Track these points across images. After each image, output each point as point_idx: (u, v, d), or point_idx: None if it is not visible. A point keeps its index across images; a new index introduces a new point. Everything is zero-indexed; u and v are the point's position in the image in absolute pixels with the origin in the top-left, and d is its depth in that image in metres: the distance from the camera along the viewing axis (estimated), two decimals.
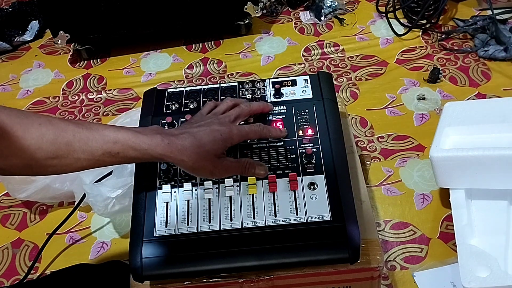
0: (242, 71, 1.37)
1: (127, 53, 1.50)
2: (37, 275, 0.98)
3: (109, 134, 0.63)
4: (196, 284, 0.69)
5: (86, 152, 0.62)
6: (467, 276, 0.78)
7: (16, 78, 1.48)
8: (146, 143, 0.64)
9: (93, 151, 0.62)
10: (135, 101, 1.33)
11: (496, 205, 0.90)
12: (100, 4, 1.36)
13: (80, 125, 0.63)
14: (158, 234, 0.68)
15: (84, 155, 0.62)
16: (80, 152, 0.61)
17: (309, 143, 0.74)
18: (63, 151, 0.61)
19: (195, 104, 0.82)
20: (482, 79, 1.23)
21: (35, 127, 0.59)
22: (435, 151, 0.89)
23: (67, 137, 0.61)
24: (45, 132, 0.60)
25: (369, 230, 0.73)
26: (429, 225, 0.96)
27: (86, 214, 1.07)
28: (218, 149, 0.67)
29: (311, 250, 0.66)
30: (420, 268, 0.89)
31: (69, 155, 0.61)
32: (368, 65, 1.33)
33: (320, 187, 0.70)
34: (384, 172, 1.06)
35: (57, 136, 0.60)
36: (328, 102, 0.80)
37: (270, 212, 0.69)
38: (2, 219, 1.10)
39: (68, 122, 0.62)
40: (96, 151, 0.62)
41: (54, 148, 0.60)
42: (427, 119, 1.16)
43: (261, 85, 0.84)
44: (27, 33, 1.60)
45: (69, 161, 0.62)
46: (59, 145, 0.60)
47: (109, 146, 0.62)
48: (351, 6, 1.54)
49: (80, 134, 0.61)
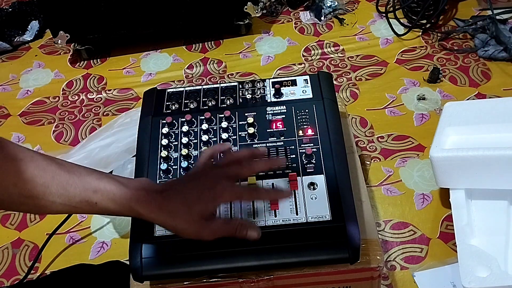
0: (242, 71, 1.37)
1: (127, 53, 1.50)
2: (37, 275, 0.98)
3: (90, 181, 0.58)
4: (196, 284, 0.69)
5: (63, 197, 0.57)
6: (467, 276, 0.78)
7: (16, 78, 1.48)
8: (127, 198, 0.59)
9: (70, 197, 0.57)
10: (135, 101, 1.33)
11: (496, 205, 0.90)
12: (100, 4, 1.36)
13: (63, 166, 0.58)
14: (158, 234, 0.68)
15: (60, 200, 0.57)
16: (57, 196, 0.57)
17: (309, 143, 0.74)
18: (38, 192, 0.56)
19: (195, 104, 0.82)
20: (482, 79, 1.23)
21: (14, 163, 0.55)
22: (435, 151, 0.89)
23: (45, 178, 0.56)
24: (24, 169, 0.55)
25: (369, 230, 0.73)
26: (429, 225, 0.96)
27: (86, 214, 1.07)
28: (206, 209, 0.61)
29: (311, 250, 0.66)
30: (420, 268, 0.89)
31: (45, 197, 0.56)
32: (368, 65, 1.33)
33: (320, 187, 0.70)
34: (384, 172, 1.06)
35: (35, 175, 0.56)
36: (328, 102, 0.80)
37: (270, 212, 0.68)
38: (2, 219, 1.10)
39: (50, 162, 0.58)
40: (74, 197, 0.57)
41: (30, 187, 0.55)
42: (427, 119, 1.16)
43: (261, 85, 0.84)
44: (27, 33, 1.60)
45: (43, 203, 0.57)
46: (36, 185, 0.56)
47: (88, 195, 0.58)
48: (351, 6, 1.54)
49: (60, 177, 0.57)
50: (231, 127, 0.78)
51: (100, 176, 0.59)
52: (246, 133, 0.77)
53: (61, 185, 0.57)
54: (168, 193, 0.61)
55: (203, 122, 0.79)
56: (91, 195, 0.58)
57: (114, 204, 0.59)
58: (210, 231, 0.61)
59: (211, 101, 0.82)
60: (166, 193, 0.61)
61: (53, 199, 0.57)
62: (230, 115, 0.79)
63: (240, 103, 0.82)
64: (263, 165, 0.67)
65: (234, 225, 0.63)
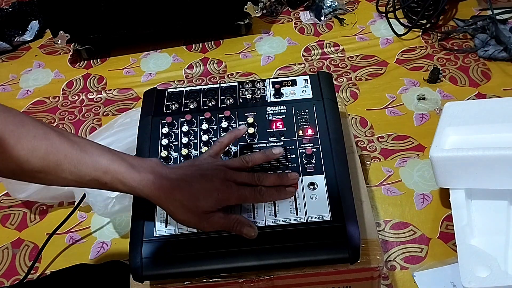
0: (242, 71, 1.38)
1: (127, 53, 1.50)
2: (37, 275, 0.98)
3: (101, 162, 0.60)
4: (196, 284, 0.69)
5: (74, 175, 0.60)
6: (467, 276, 0.78)
7: (16, 78, 1.48)
8: (136, 180, 0.61)
9: (81, 175, 0.60)
10: (135, 101, 1.33)
11: (496, 205, 0.90)
12: (100, 4, 1.36)
13: (76, 144, 0.60)
14: (158, 234, 0.68)
15: (71, 177, 0.60)
16: (68, 173, 0.59)
17: (309, 143, 0.74)
18: (51, 168, 0.59)
19: (195, 104, 0.82)
20: (482, 79, 1.23)
21: (28, 139, 0.57)
22: (435, 151, 0.89)
23: (58, 157, 0.58)
24: (38, 147, 0.58)
25: (369, 230, 0.73)
26: (429, 225, 0.96)
27: (86, 214, 1.07)
28: (210, 207, 0.64)
29: (311, 250, 0.66)
30: (420, 268, 0.89)
31: (57, 174, 0.59)
32: (368, 65, 1.33)
33: (320, 187, 0.70)
34: (384, 172, 1.06)
35: (48, 153, 0.58)
36: (328, 102, 0.80)
37: (270, 212, 0.68)
38: (2, 219, 1.10)
39: (63, 140, 0.60)
40: (84, 176, 0.60)
41: (43, 164, 0.58)
42: (427, 119, 1.16)
43: (261, 85, 0.84)
44: (27, 33, 1.60)
45: (55, 178, 0.60)
46: (48, 162, 0.58)
47: (98, 175, 0.60)
48: (351, 6, 1.54)
49: (72, 156, 0.59)
50: (231, 127, 0.78)
51: (112, 158, 0.61)
52: (246, 133, 0.77)
53: (73, 164, 0.59)
54: (178, 183, 0.63)
55: (203, 122, 0.79)
56: (101, 176, 0.60)
57: (123, 186, 0.61)
58: (208, 224, 0.65)
59: (211, 101, 0.82)
60: (176, 182, 0.63)
61: (64, 176, 0.60)
62: (230, 115, 0.79)
63: (240, 103, 0.82)
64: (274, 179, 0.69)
65: (233, 221, 0.66)
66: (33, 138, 0.58)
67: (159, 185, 0.62)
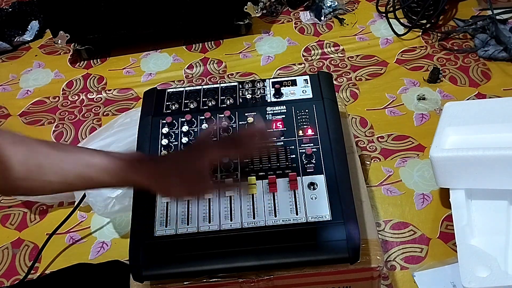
0: (242, 71, 1.37)
1: (127, 53, 1.50)
2: (37, 275, 0.98)
3: (84, 157, 0.59)
4: (196, 284, 0.69)
5: (58, 175, 0.58)
6: (467, 276, 0.78)
7: (16, 78, 1.48)
8: (121, 168, 0.60)
9: (65, 174, 0.58)
10: (135, 101, 1.33)
11: (496, 205, 0.90)
12: (100, 4, 1.36)
13: (55, 146, 0.60)
14: (158, 234, 0.68)
15: (56, 178, 0.58)
16: (52, 175, 0.58)
17: (309, 143, 0.74)
18: (33, 173, 0.57)
19: (195, 104, 0.82)
20: (482, 79, 1.23)
21: (5, 146, 0.56)
22: (435, 151, 0.89)
23: (38, 159, 0.57)
24: (16, 152, 0.56)
25: (369, 230, 0.73)
26: (429, 225, 0.96)
27: (86, 214, 1.07)
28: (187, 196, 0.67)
29: (311, 250, 0.66)
30: (420, 268, 0.89)
31: (40, 178, 0.57)
32: (368, 65, 1.33)
33: (320, 187, 0.70)
34: (384, 172, 1.06)
35: (28, 157, 0.56)
36: (328, 102, 0.79)
37: (270, 212, 0.68)
38: (2, 219, 1.10)
39: (41, 143, 0.59)
40: (68, 174, 0.58)
41: (25, 169, 0.56)
42: (427, 119, 1.16)
43: (261, 85, 0.84)
44: (27, 33, 1.60)
45: (40, 184, 0.58)
46: (30, 166, 0.56)
47: (82, 170, 0.59)
48: (351, 6, 1.54)
49: (53, 156, 0.58)
50: (231, 127, 0.78)
51: (93, 152, 0.61)
52: None
53: (55, 163, 0.58)
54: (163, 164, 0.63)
55: (203, 122, 0.79)
56: (85, 170, 0.59)
57: (109, 176, 0.59)
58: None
59: (211, 101, 0.82)
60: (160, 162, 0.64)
61: (48, 179, 0.58)
62: (230, 115, 0.79)
63: (240, 103, 0.82)
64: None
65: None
66: (10, 144, 0.56)
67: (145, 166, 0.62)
